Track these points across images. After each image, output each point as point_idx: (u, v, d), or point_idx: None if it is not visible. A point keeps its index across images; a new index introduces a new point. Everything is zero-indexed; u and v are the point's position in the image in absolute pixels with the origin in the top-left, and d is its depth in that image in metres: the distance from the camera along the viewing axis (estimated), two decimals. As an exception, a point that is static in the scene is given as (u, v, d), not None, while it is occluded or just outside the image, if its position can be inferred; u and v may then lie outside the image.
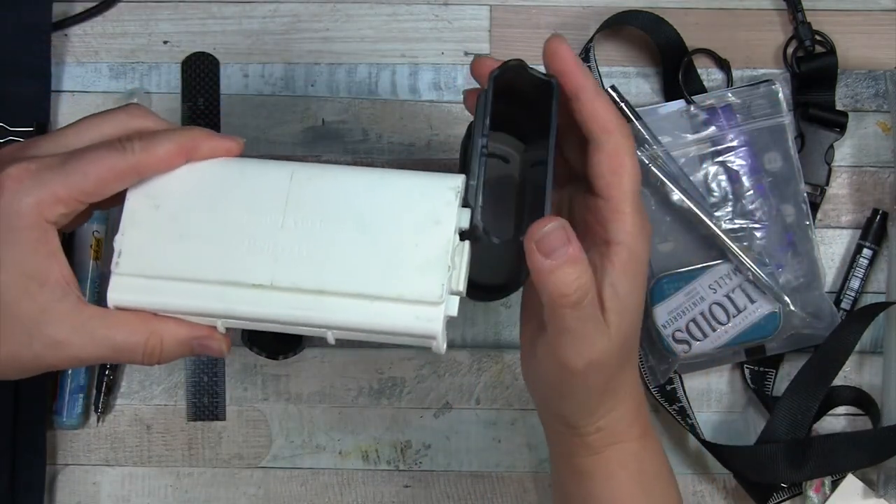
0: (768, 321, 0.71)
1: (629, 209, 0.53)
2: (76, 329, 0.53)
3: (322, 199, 0.53)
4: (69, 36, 0.76)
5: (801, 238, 0.72)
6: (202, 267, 0.53)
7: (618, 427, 0.56)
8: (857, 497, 0.71)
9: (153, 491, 0.73)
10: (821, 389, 0.70)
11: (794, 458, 0.69)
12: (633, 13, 0.74)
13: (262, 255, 0.53)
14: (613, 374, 0.54)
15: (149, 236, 0.53)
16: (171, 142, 0.54)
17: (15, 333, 0.52)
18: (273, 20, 0.76)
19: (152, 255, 0.53)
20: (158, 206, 0.54)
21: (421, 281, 0.51)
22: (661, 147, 0.72)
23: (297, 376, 0.74)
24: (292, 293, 0.52)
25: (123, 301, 0.53)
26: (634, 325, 0.54)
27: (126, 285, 0.53)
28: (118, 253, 0.53)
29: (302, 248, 0.53)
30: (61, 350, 0.53)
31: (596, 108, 0.53)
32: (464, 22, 0.76)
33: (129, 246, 0.53)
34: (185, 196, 0.54)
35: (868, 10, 0.76)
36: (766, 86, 0.73)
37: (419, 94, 0.76)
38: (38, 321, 0.52)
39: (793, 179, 0.72)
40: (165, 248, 0.53)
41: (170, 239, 0.53)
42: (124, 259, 0.53)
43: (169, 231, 0.53)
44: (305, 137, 0.75)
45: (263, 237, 0.53)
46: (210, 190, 0.54)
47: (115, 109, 0.56)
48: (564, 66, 0.54)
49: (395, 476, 0.74)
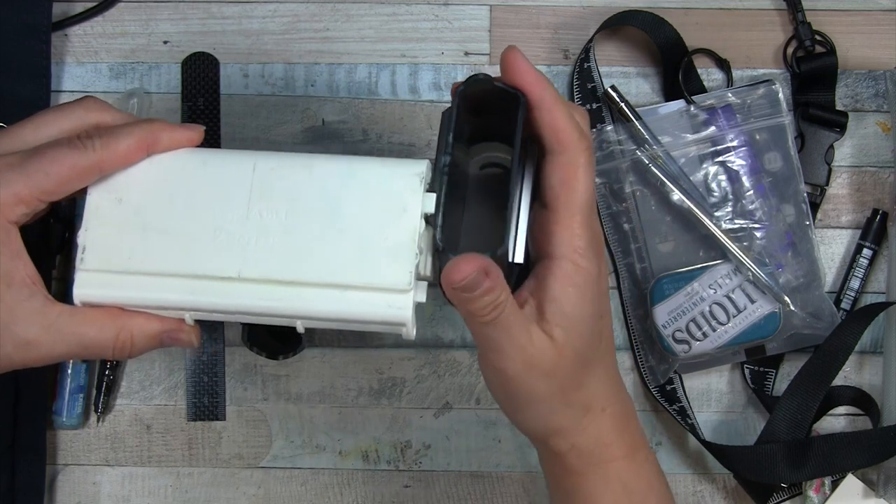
0: (768, 321, 0.71)
1: (576, 224, 0.52)
2: (45, 328, 0.53)
3: (287, 189, 0.53)
4: (69, 36, 0.76)
5: (801, 238, 0.72)
6: (168, 260, 0.53)
7: (596, 446, 0.55)
8: (856, 497, 0.71)
9: (153, 491, 0.73)
10: (821, 389, 0.70)
11: (794, 459, 0.69)
12: (633, 13, 0.74)
13: (229, 247, 0.52)
14: (568, 385, 0.54)
15: (112, 231, 0.53)
16: (130, 136, 0.53)
17: None
18: (273, 20, 0.76)
19: (117, 250, 0.53)
20: (121, 200, 0.53)
21: (389, 269, 0.51)
22: (661, 147, 0.72)
23: (297, 376, 0.74)
24: (261, 284, 0.52)
25: (89, 297, 0.53)
26: (587, 338, 0.53)
27: (91, 281, 0.53)
28: (82, 248, 0.53)
29: (269, 238, 0.52)
30: (31, 350, 0.53)
31: (554, 119, 0.52)
32: (464, 22, 0.76)
33: (93, 241, 0.53)
34: (148, 189, 0.53)
35: (868, 10, 0.76)
36: (766, 86, 0.73)
37: (419, 94, 0.76)
38: (7, 322, 0.52)
39: (793, 179, 0.72)
40: (130, 242, 0.53)
41: (134, 233, 0.53)
42: (89, 254, 0.53)
43: (133, 225, 0.53)
44: (305, 137, 0.75)
45: (229, 229, 0.52)
46: (173, 182, 0.54)
47: (72, 103, 0.56)
48: (521, 78, 0.53)
49: (395, 476, 0.74)
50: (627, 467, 0.56)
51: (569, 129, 0.52)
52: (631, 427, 0.57)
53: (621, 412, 0.56)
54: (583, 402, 0.55)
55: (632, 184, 0.73)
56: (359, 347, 0.74)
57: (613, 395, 0.56)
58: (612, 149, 0.73)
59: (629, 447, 0.56)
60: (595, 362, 0.54)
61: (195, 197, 0.53)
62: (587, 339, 0.53)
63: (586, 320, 0.53)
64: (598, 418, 0.55)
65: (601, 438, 0.55)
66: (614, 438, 0.56)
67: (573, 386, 0.54)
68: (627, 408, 0.57)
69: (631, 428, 0.57)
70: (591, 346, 0.54)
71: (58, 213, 0.71)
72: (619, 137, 0.73)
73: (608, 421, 0.55)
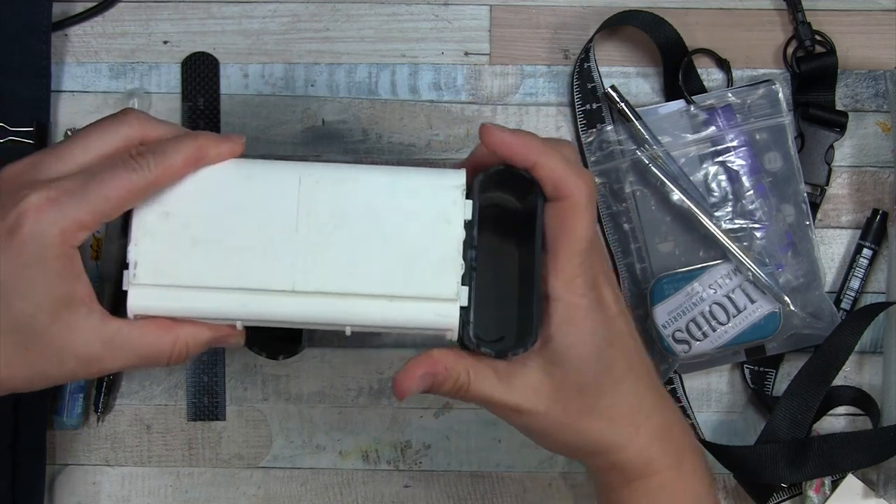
0: (768, 321, 0.71)
1: (570, 268, 0.54)
2: (106, 343, 0.54)
3: (332, 202, 0.54)
4: (69, 36, 0.76)
5: (800, 238, 0.72)
6: (220, 274, 0.54)
7: (637, 463, 0.56)
8: (857, 497, 0.71)
9: (153, 491, 0.73)
10: (821, 389, 0.70)
11: (794, 459, 0.69)
12: (633, 13, 0.74)
13: (280, 261, 0.54)
14: (578, 415, 0.55)
15: (162, 245, 0.54)
16: (181, 153, 0.54)
17: (48, 356, 0.54)
18: (273, 20, 0.76)
19: (168, 264, 0.54)
20: (168, 214, 0.54)
21: (437, 279, 0.54)
22: (661, 147, 0.72)
23: (297, 376, 0.74)
24: (314, 297, 0.54)
25: (144, 310, 0.54)
26: (591, 371, 0.55)
27: (145, 295, 0.54)
28: (134, 264, 0.54)
29: (319, 251, 0.54)
30: (94, 364, 0.55)
31: (552, 172, 0.54)
32: (464, 22, 0.76)
33: (144, 256, 0.54)
34: (195, 202, 0.54)
35: (868, 10, 0.76)
36: (766, 86, 0.73)
37: (419, 94, 0.76)
38: (70, 341, 0.54)
39: (793, 179, 0.72)
40: (180, 256, 0.54)
41: (184, 247, 0.54)
42: (140, 270, 0.54)
43: (182, 238, 0.54)
44: (305, 137, 0.75)
45: (279, 242, 0.54)
46: (219, 195, 0.54)
47: (114, 119, 0.56)
48: (508, 150, 0.55)
49: (395, 476, 0.74)
50: (672, 479, 0.57)
51: (566, 175, 0.54)
52: (675, 437, 0.58)
53: (660, 425, 0.57)
54: (606, 426, 0.56)
55: (632, 184, 0.73)
56: (359, 347, 0.74)
57: (647, 410, 0.57)
58: (611, 149, 0.73)
59: (673, 459, 0.57)
60: (610, 387, 0.55)
61: (243, 210, 0.54)
62: (591, 371, 0.55)
63: (586, 355, 0.55)
64: (633, 437, 0.56)
65: (640, 454, 0.56)
66: (655, 452, 0.57)
67: (585, 414, 0.55)
68: (669, 418, 0.58)
69: (675, 438, 0.58)
70: (599, 375, 0.55)
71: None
72: (619, 137, 0.73)
73: (644, 437, 0.56)
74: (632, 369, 0.56)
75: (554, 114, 0.76)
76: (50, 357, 0.54)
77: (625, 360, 0.56)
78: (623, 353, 0.56)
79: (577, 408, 0.55)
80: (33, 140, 0.73)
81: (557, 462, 0.73)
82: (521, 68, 0.76)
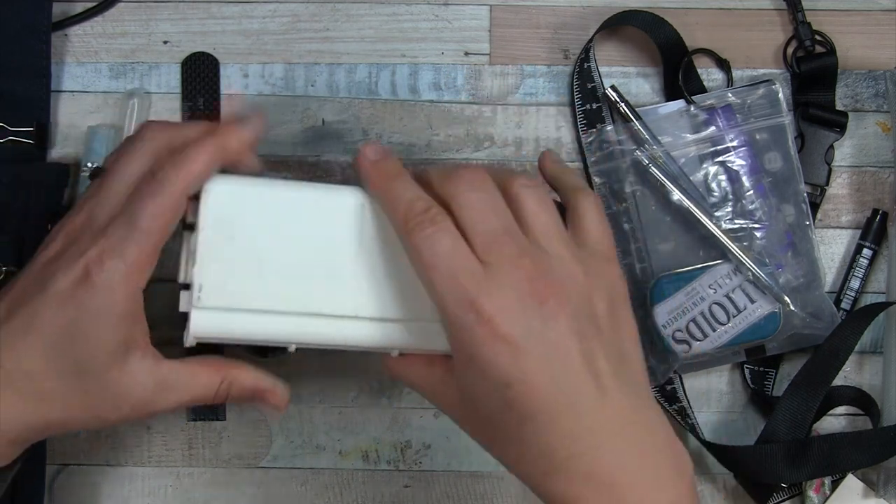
0: (768, 321, 0.71)
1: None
2: (159, 385, 0.56)
3: (388, 228, 0.55)
4: (69, 36, 0.76)
5: (801, 238, 0.72)
6: (285, 299, 0.54)
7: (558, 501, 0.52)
8: (857, 497, 0.71)
9: (153, 491, 0.73)
10: (821, 389, 0.70)
11: (793, 458, 0.69)
12: (633, 13, 0.74)
13: (343, 287, 0.55)
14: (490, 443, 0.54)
15: (227, 268, 0.54)
16: (199, 157, 0.54)
17: (105, 400, 0.55)
18: (273, 20, 0.76)
19: (232, 288, 0.54)
20: (233, 238, 0.54)
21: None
22: (661, 147, 0.72)
23: (297, 376, 0.74)
24: (373, 322, 0.55)
25: (205, 334, 0.54)
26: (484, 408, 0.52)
27: (208, 319, 0.54)
28: (198, 287, 0.54)
29: (380, 278, 0.55)
30: (147, 407, 0.56)
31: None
32: (464, 22, 0.76)
33: (209, 279, 0.54)
34: (260, 227, 0.55)
35: (868, 10, 0.76)
36: (766, 86, 0.73)
37: (419, 94, 0.76)
38: (126, 385, 0.55)
39: (793, 179, 0.72)
40: (245, 280, 0.54)
41: (248, 271, 0.54)
42: (205, 293, 0.54)
43: (248, 262, 0.54)
44: (305, 137, 0.75)
45: (343, 267, 0.55)
46: (286, 220, 0.55)
47: (134, 139, 0.57)
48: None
49: (395, 476, 0.74)
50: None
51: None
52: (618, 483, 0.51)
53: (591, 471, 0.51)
54: (515, 462, 0.53)
55: (632, 184, 0.73)
56: (359, 347, 0.74)
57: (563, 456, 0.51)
58: (611, 149, 0.73)
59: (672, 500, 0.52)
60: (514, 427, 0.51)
61: (308, 234, 0.55)
62: (487, 408, 0.52)
63: (474, 392, 0.53)
64: (543, 480, 0.52)
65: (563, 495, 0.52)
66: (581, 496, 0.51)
67: (494, 444, 0.54)
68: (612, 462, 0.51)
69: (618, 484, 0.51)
70: (497, 414, 0.52)
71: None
72: (619, 137, 0.73)
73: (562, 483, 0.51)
74: (538, 414, 0.51)
75: (554, 114, 0.76)
76: (107, 400, 0.55)
77: (528, 403, 0.51)
78: (526, 396, 0.51)
79: (487, 436, 0.54)
80: (33, 140, 0.73)
81: (557, 462, 0.73)
82: (521, 68, 0.76)
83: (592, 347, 0.52)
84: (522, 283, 0.51)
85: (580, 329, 0.51)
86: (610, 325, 0.53)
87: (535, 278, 0.51)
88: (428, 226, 0.52)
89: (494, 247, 0.51)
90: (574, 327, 0.51)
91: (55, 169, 0.73)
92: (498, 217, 0.53)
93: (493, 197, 0.53)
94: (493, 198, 0.53)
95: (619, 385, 0.52)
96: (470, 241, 0.52)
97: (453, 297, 0.51)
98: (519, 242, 0.52)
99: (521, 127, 0.75)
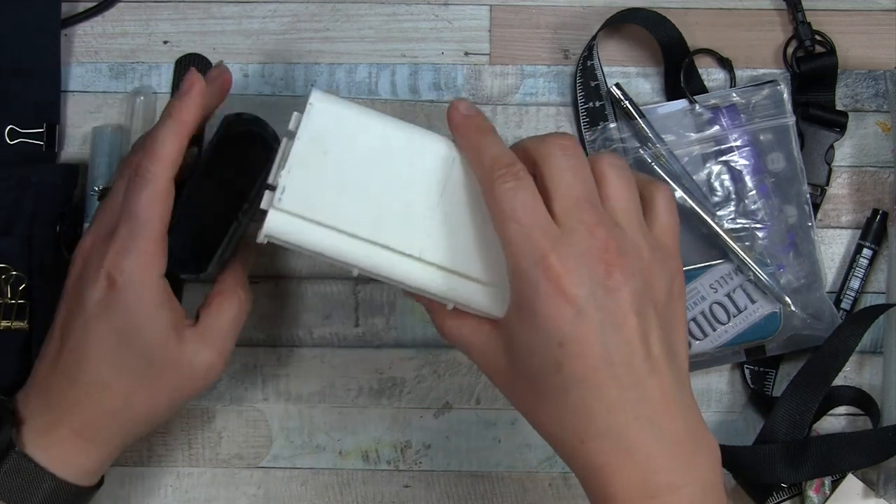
0: (769, 322, 0.71)
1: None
2: (210, 339, 0.61)
3: (472, 188, 0.56)
4: (69, 36, 0.76)
5: (802, 239, 0.72)
6: (359, 223, 0.56)
7: (587, 474, 0.53)
8: (857, 497, 0.71)
9: (153, 491, 0.73)
10: (820, 391, 0.70)
11: (792, 459, 0.69)
12: (637, 10, 0.74)
13: (416, 227, 0.56)
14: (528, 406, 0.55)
15: (313, 180, 0.56)
16: (166, 139, 0.59)
17: (180, 377, 0.61)
18: (273, 20, 0.76)
19: (314, 199, 0.55)
20: (327, 153, 0.56)
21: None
22: (664, 146, 0.72)
23: (297, 376, 0.74)
24: (436, 269, 0.56)
25: (277, 235, 0.56)
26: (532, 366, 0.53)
27: (284, 221, 0.55)
28: (281, 189, 0.55)
29: (452, 229, 0.56)
30: (215, 362, 0.62)
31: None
32: (464, 22, 0.76)
33: (293, 185, 0.55)
34: (355, 150, 0.56)
35: (868, 10, 0.76)
36: (771, 86, 0.73)
37: (419, 94, 0.76)
38: (191, 355, 0.61)
39: (795, 180, 0.72)
40: (328, 195, 0.56)
41: (333, 187, 0.56)
42: (287, 196, 0.55)
43: (333, 179, 0.56)
44: (305, 137, 0.75)
45: (420, 209, 0.56)
46: (377, 149, 0.56)
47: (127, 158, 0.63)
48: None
49: (395, 476, 0.74)
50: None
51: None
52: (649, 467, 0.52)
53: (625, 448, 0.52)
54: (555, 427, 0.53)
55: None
56: (359, 347, 0.74)
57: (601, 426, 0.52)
58: (615, 146, 0.73)
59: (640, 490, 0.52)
60: (561, 390, 0.52)
61: (395, 170, 0.56)
62: (536, 365, 0.52)
63: (528, 349, 0.53)
64: (578, 448, 0.52)
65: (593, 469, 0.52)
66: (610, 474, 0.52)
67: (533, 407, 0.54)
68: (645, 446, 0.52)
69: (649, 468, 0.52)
70: (544, 374, 0.52)
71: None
72: (622, 135, 0.73)
73: (593, 453, 0.52)
74: (585, 380, 0.51)
75: (554, 114, 0.76)
76: (182, 376, 0.61)
77: (578, 365, 0.51)
78: (577, 359, 0.51)
79: (528, 398, 0.54)
80: (44, 141, 0.73)
81: (557, 462, 0.73)
82: (521, 68, 0.76)
83: (648, 327, 0.52)
84: (594, 251, 0.51)
85: (640, 308, 0.52)
86: (665, 313, 0.54)
87: (606, 249, 0.52)
88: (511, 179, 0.53)
89: (574, 211, 0.52)
90: (635, 304, 0.52)
91: (65, 170, 0.73)
92: (583, 184, 0.53)
93: (581, 164, 0.54)
94: (582, 165, 0.54)
95: (667, 367, 0.53)
96: (552, 202, 0.53)
97: (526, 249, 0.52)
98: (598, 212, 0.53)
99: (521, 127, 0.75)
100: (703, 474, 0.53)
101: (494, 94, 0.76)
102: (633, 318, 0.51)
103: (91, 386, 0.60)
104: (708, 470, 0.53)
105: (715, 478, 0.54)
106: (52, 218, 0.71)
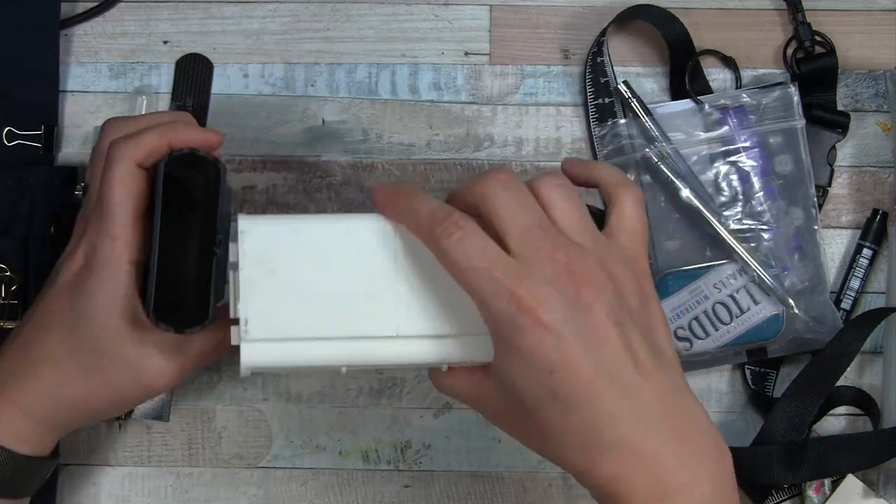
0: (771, 323, 0.71)
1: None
2: (173, 351, 0.60)
3: (422, 250, 0.56)
4: (69, 36, 0.76)
5: (808, 242, 0.72)
6: (328, 325, 0.56)
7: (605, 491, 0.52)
8: (856, 497, 0.71)
9: (153, 491, 0.73)
10: (820, 394, 0.70)
11: (790, 461, 0.69)
12: (646, 7, 0.74)
13: (384, 308, 0.56)
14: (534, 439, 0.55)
15: (270, 302, 0.56)
16: (151, 133, 0.59)
17: (124, 374, 0.59)
18: (273, 20, 0.76)
19: (278, 319, 0.56)
20: (273, 272, 0.56)
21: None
22: (671, 144, 0.72)
23: (297, 376, 0.74)
24: (417, 339, 0.56)
25: (257, 365, 0.56)
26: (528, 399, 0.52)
27: (257, 350, 0.56)
28: (245, 321, 0.56)
29: (417, 298, 0.56)
30: (163, 378, 0.60)
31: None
32: (464, 22, 0.76)
33: (254, 313, 0.56)
34: (299, 259, 0.57)
35: (868, 10, 0.76)
36: (781, 88, 0.73)
37: (419, 94, 0.76)
38: (139, 356, 0.59)
39: (802, 183, 0.72)
40: (289, 310, 0.56)
41: (291, 301, 0.56)
42: (252, 326, 0.56)
43: (289, 294, 0.56)
44: (305, 137, 0.75)
45: (381, 290, 0.56)
46: (319, 250, 0.57)
47: (99, 142, 0.63)
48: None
49: (395, 476, 0.74)
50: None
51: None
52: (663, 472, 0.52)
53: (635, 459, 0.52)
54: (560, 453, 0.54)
55: (641, 179, 0.73)
56: (359, 347, 0.74)
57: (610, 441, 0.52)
58: (622, 143, 0.73)
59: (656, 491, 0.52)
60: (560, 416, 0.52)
61: (343, 261, 0.57)
62: (531, 398, 0.52)
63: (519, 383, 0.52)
64: (591, 467, 0.52)
65: (608, 484, 0.52)
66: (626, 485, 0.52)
67: (539, 438, 0.54)
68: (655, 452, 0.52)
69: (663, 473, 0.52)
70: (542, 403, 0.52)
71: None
72: (630, 132, 0.73)
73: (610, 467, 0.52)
74: (583, 399, 0.51)
75: (554, 114, 0.76)
76: (126, 375, 0.59)
77: (573, 388, 0.51)
78: (570, 382, 0.51)
79: (532, 432, 0.54)
80: (42, 143, 0.73)
81: (558, 462, 0.73)
82: (521, 68, 0.76)
83: (629, 335, 0.52)
84: (558, 274, 0.51)
85: (617, 319, 0.52)
86: (642, 317, 0.54)
87: (570, 271, 0.51)
88: (454, 230, 0.52)
89: (528, 241, 0.52)
90: (612, 317, 0.52)
91: (62, 171, 0.73)
92: (530, 212, 0.53)
93: (523, 194, 0.54)
94: (524, 194, 0.54)
95: (658, 370, 0.53)
96: (504, 238, 0.52)
97: (492, 292, 0.51)
98: (552, 236, 0.53)
99: (521, 127, 0.75)
100: (714, 468, 0.53)
101: (494, 94, 0.76)
102: (612, 330, 0.51)
103: (38, 358, 0.60)
104: (717, 464, 0.53)
105: (725, 471, 0.54)
106: (50, 220, 0.71)
